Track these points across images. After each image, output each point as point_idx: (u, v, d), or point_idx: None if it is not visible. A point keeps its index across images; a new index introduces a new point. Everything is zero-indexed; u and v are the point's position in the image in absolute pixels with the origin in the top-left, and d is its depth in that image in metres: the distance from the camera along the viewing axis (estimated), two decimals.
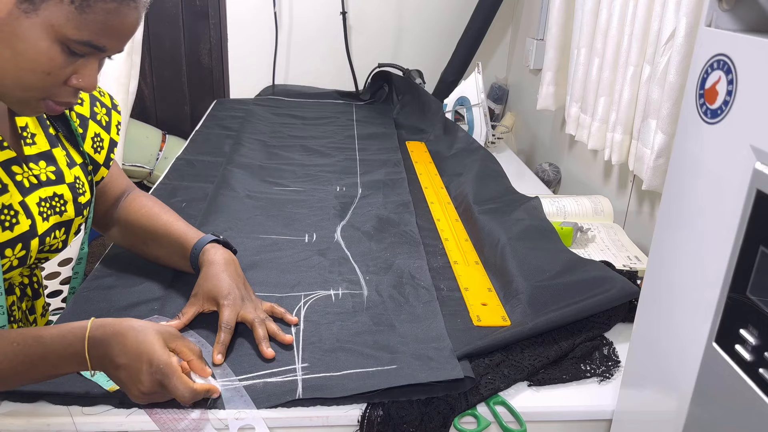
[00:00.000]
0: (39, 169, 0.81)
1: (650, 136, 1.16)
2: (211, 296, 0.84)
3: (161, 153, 2.16)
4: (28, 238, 0.77)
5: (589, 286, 0.92)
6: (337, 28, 2.15)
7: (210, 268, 0.87)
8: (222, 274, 0.86)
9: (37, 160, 0.81)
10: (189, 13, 2.17)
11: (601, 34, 1.35)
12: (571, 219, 1.30)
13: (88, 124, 0.91)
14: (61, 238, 0.84)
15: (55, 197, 0.82)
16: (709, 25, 0.56)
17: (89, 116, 0.92)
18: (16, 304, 0.88)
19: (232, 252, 0.93)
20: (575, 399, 0.80)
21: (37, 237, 0.78)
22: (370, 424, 0.73)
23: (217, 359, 0.78)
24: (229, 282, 0.85)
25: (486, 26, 2.01)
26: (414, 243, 1.12)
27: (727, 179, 0.52)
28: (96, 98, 0.94)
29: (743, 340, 0.50)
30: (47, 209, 0.80)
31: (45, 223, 0.79)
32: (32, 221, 0.77)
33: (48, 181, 0.81)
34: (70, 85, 0.68)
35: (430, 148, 1.69)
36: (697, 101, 0.56)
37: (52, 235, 0.81)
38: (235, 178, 1.35)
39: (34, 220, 0.78)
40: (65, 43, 0.65)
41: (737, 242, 0.51)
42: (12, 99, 0.69)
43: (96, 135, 0.92)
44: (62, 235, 0.84)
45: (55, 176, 0.82)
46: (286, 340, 0.82)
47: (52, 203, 0.81)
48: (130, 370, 0.67)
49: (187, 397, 0.68)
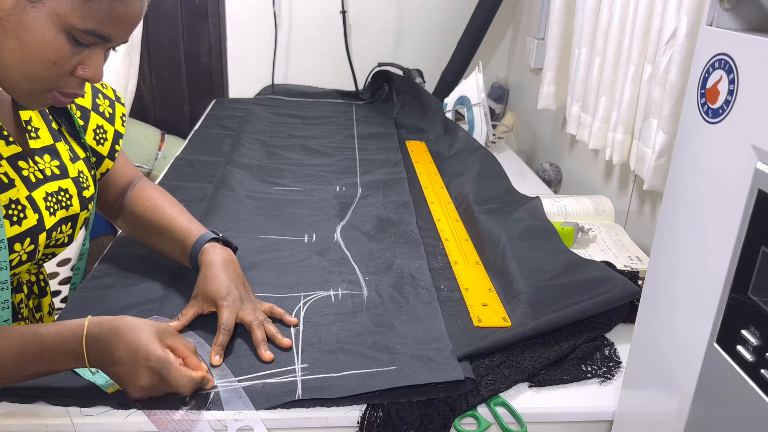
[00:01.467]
0: (44, 164, 0.81)
1: (651, 136, 1.15)
2: (210, 297, 0.84)
3: (160, 153, 2.16)
4: (36, 232, 0.77)
5: (590, 287, 0.92)
6: (336, 27, 2.15)
7: (209, 269, 0.86)
8: (221, 275, 0.86)
9: (42, 154, 0.81)
10: (188, 12, 2.16)
11: (602, 34, 1.35)
12: (572, 219, 1.29)
13: (89, 115, 0.91)
14: (68, 233, 0.84)
15: (60, 192, 0.82)
16: (710, 25, 0.55)
17: (91, 108, 0.92)
18: (24, 302, 0.88)
19: (232, 250, 0.93)
20: (576, 400, 0.80)
21: (45, 231, 0.78)
22: (369, 425, 0.72)
23: (215, 360, 0.78)
24: (227, 283, 0.85)
25: (486, 25, 2.01)
26: (414, 243, 1.12)
27: (729, 179, 0.52)
28: (98, 90, 0.94)
29: (744, 341, 0.50)
30: (54, 204, 0.80)
31: (52, 218, 0.79)
32: (39, 216, 0.77)
33: (53, 175, 0.81)
34: (77, 76, 0.69)
35: (431, 147, 1.69)
36: (699, 101, 0.56)
37: (59, 230, 0.81)
38: (235, 178, 1.35)
39: (42, 214, 0.78)
40: (71, 33, 0.65)
41: (738, 242, 0.51)
42: (19, 91, 0.69)
43: (99, 127, 0.92)
44: (69, 229, 0.84)
45: (59, 171, 0.83)
46: (284, 344, 0.81)
47: (58, 198, 0.81)
48: (127, 366, 0.68)
49: (188, 386, 0.69)
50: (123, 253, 1.04)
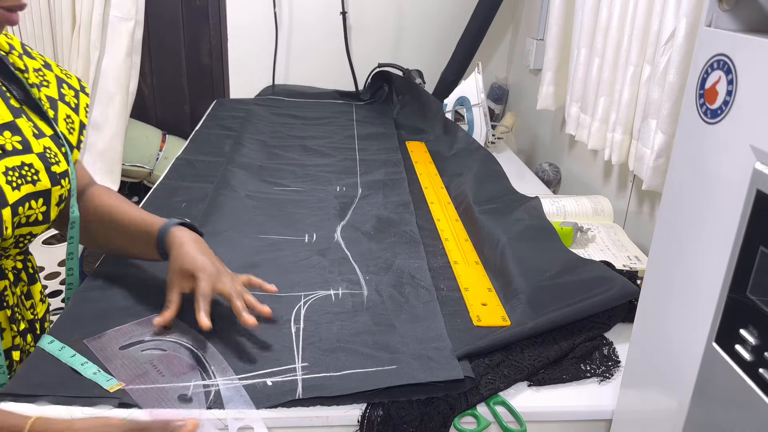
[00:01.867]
0: (4, 139, 0.80)
1: (650, 136, 1.16)
2: (187, 272, 0.84)
3: (161, 153, 2.16)
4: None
5: (589, 286, 0.92)
6: (337, 28, 2.15)
7: (181, 248, 0.86)
8: (193, 251, 0.85)
9: (2, 131, 0.80)
10: (189, 13, 2.17)
11: (601, 34, 1.35)
12: (571, 219, 1.30)
13: (57, 105, 0.91)
14: (40, 209, 0.82)
15: (24, 166, 0.80)
16: (709, 25, 0.56)
17: (58, 98, 0.91)
18: (10, 289, 0.87)
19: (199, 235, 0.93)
20: (575, 399, 0.80)
21: (8, 206, 0.77)
22: (370, 424, 0.73)
23: (204, 322, 0.79)
24: (202, 257, 0.85)
25: (486, 26, 2.01)
26: (414, 243, 1.12)
27: (727, 179, 0.52)
28: (63, 80, 0.93)
29: (743, 340, 0.50)
30: (16, 178, 0.79)
31: (16, 192, 0.78)
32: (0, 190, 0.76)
33: (14, 150, 0.80)
34: None
35: (430, 148, 1.69)
36: (697, 101, 0.56)
37: (27, 206, 0.80)
38: (235, 178, 1.35)
39: (2, 189, 0.76)
40: None
41: (737, 242, 0.51)
42: None
43: (67, 116, 0.92)
44: (40, 206, 0.82)
45: (21, 146, 0.81)
46: (265, 312, 0.83)
47: (21, 172, 0.80)
48: None
49: None
50: None
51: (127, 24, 1.97)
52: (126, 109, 2.04)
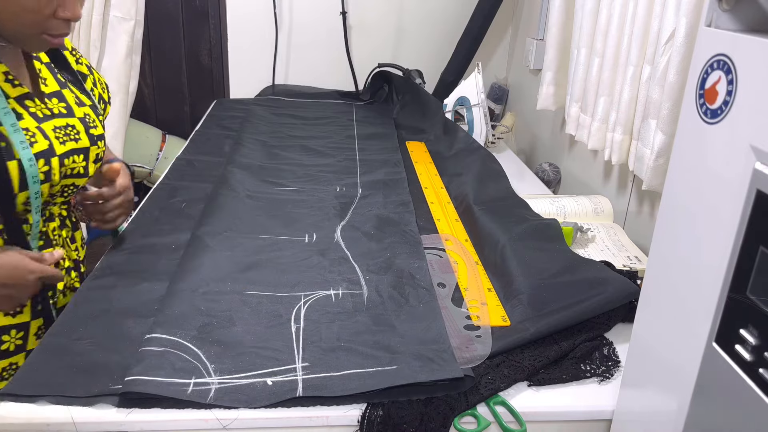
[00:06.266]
0: (52, 104, 0.95)
1: (650, 136, 1.16)
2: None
3: (161, 153, 2.16)
4: (48, 155, 0.89)
5: (589, 286, 0.92)
6: (337, 28, 2.15)
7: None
8: None
9: (51, 98, 0.96)
10: (189, 13, 2.17)
11: (601, 34, 1.35)
12: (571, 219, 1.30)
13: (87, 77, 1.08)
14: (81, 164, 0.97)
15: (68, 127, 0.95)
16: (709, 25, 0.56)
17: (88, 73, 1.09)
18: (57, 231, 0.99)
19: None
20: (575, 399, 0.80)
21: (56, 156, 0.91)
22: (370, 424, 0.73)
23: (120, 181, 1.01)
24: None
25: (486, 26, 2.01)
26: (414, 243, 1.12)
27: (727, 179, 0.52)
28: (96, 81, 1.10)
29: (743, 340, 0.50)
30: (63, 135, 0.93)
31: (62, 146, 0.92)
32: (50, 143, 0.90)
33: (60, 114, 0.95)
34: (59, 18, 0.84)
35: (430, 148, 1.69)
36: (697, 101, 0.56)
37: (71, 159, 0.94)
38: (235, 178, 1.35)
39: (51, 142, 0.91)
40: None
41: (737, 242, 0.51)
42: (16, 39, 0.86)
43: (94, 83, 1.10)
44: (81, 161, 0.96)
45: (66, 111, 0.97)
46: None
47: (66, 131, 0.94)
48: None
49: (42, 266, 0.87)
50: (124, 253, 1.04)
51: (127, 24, 1.97)
52: (126, 109, 2.04)
